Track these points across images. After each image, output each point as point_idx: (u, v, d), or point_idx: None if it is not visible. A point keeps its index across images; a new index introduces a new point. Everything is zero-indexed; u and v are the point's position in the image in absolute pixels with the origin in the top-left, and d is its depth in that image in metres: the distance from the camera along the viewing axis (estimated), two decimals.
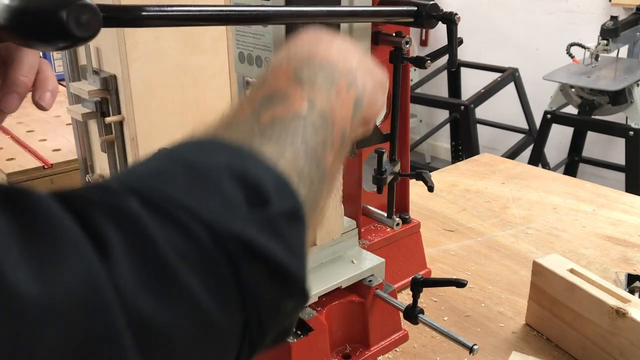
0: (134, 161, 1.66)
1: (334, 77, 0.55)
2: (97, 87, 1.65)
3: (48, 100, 0.66)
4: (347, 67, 0.58)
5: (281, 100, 0.51)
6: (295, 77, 0.53)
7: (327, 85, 0.54)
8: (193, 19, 0.67)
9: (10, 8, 0.50)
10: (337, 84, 0.55)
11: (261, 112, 0.49)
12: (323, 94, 0.53)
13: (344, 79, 0.56)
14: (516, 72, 3.94)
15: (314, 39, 0.62)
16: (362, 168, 1.10)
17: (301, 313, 0.91)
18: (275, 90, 0.52)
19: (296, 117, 0.49)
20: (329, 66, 0.56)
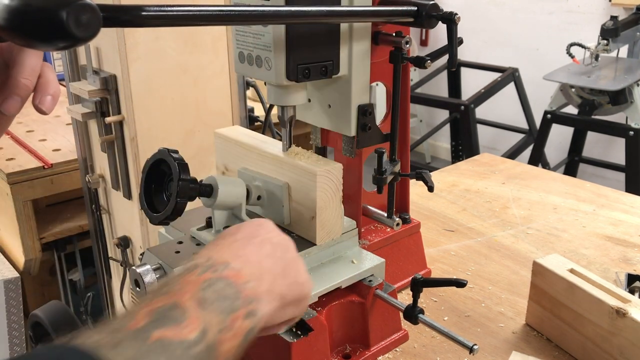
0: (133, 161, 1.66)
1: (233, 306, 0.58)
2: (97, 87, 1.65)
3: (48, 104, 0.66)
4: (253, 294, 0.61)
5: (177, 319, 0.53)
6: (200, 296, 0.56)
7: (225, 313, 0.57)
8: (193, 18, 0.67)
9: (10, 8, 0.50)
10: (235, 313, 0.58)
11: (152, 329, 0.51)
12: (218, 323, 0.56)
13: (244, 309, 0.59)
14: (516, 72, 3.95)
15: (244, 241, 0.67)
16: (362, 168, 1.10)
17: None
18: (175, 305, 0.54)
19: (183, 345, 0.52)
20: (234, 292, 0.59)
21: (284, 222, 1.02)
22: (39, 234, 2.14)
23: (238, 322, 0.58)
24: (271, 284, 0.65)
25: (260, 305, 0.62)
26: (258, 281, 0.63)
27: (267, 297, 0.64)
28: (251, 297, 0.61)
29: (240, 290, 0.61)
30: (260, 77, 0.94)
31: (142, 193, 0.92)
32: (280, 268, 0.68)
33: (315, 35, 0.91)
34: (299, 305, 0.71)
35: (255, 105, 2.22)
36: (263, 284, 0.64)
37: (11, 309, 2.04)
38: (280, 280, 0.67)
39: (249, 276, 0.63)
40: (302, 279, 0.71)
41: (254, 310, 0.61)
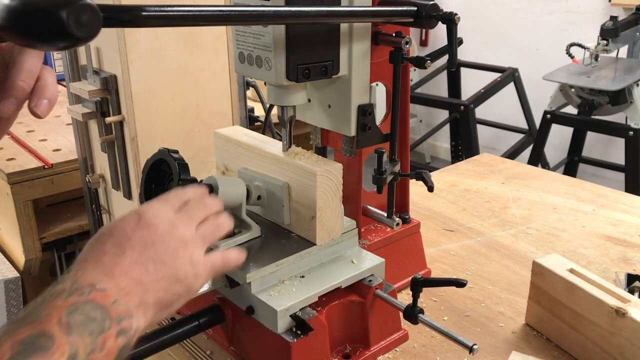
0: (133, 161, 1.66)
1: (102, 327, 0.58)
2: (97, 87, 1.65)
3: (44, 108, 0.65)
4: (124, 311, 0.61)
5: (44, 346, 0.53)
6: (66, 322, 0.56)
7: (94, 335, 0.57)
8: (193, 18, 0.67)
9: (11, 8, 0.50)
10: (105, 333, 0.58)
11: (18, 356, 0.51)
12: (88, 345, 0.56)
13: (115, 329, 0.59)
14: (516, 72, 3.95)
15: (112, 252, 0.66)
16: (362, 168, 1.10)
17: (301, 313, 0.91)
18: (41, 333, 0.54)
19: None
20: (102, 313, 0.59)
21: (284, 222, 1.02)
22: (39, 233, 2.14)
23: (110, 341, 0.59)
24: (142, 296, 0.65)
25: (132, 321, 0.62)
26: (127, 297, 0.63)
27: (139, 310, 0.64)
28: (122, 315, 0.61)
29: (108, 311, 0.60)
30: (260, 77, 0.94)
31: (142, 193, 0.92)
32: (153, 272, 0.67)
33: (315, 35, 0.91)
34: (187, 295, 0.72)
35: (255, 105, 2.22)
36: (133, 299, 0.64)
37: (11, 309, 2.04)
38: (153, 286, 0.67)
39: (116, 295, 0.62)
40: (182, 274, 0.70)
41: (126, 328, 0.61)
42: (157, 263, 0.68)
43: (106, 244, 0.68)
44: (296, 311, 0.91)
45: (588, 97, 3.14)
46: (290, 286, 0.94)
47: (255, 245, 0.98)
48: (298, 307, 0.91)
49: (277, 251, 0.96)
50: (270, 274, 0.93)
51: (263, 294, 0.92)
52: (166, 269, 0.69)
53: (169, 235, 0.71)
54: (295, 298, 0.91)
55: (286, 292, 0.92)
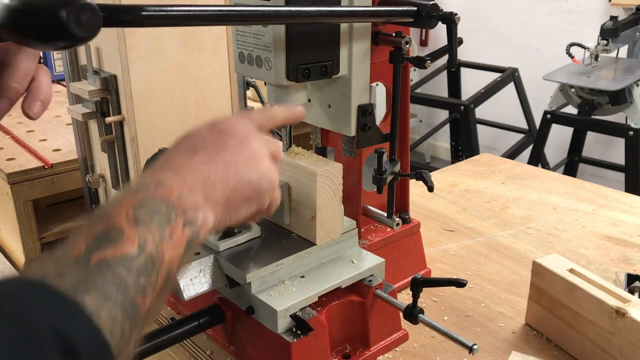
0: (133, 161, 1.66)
1: (170, 217, 0.60)
2: (97, 87, 1.65)
3: (36, 110, 0.65)
4: (189, 204, 0.62)
5: (115, 239, 0.55)
6: (133, 216, 0.58)
7: (161, 226, 0.58)
8: (193, 18, 0.67)
9: (11, 7, 0.50)
10: (172, 224, 0.60)
11: (93, 253, 0.53)
12: (156, 235, 0.57)
13: (180, 219, 0.60)
14: (516, 72, 3.95)
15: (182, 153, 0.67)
16: (362, 168, 1.10)
17: (301, 313, 0.91)
18: (111, 227, 0.56)
19: (124, 260, 0.54)
20: (167, 206, 0.60)
21: (284, 222, 1.02)
22: (39, 234, 2.14)
23: (177, 232, 0.60)
24: (209, 191, 0.65)
25: (198, 214, 0.63)
26: (192, 192, 0.64)
27: (205, 204, 0.64)
28: (186, 208, 0.62)
29: (173, 204, 0.61)
30: (260, 77, 0.94)
31: None
32: (222, 171, 0.67)
33: (315, 35, 0.91)
34: (257, 201, 0.72)
35: (255, 105, 2.22)
36: (199, 192, 0.64)
37: None
38: (221, 184, 0.67)
39: (180, 189, 0.63)
40: (255, 177, 0.70)
41: (192, 220, 0.62)
42: (229, 164, 0.69)
43: (179, 148, 0.69)
44: (296, 311, 0.91)
45: (588, 97, 3.14)
46: (290, 286, 0.94)
47: (255, 245, 0.98)
48: (298, 307, 0.91)
49: (277, 251, 0.96)
50: (270, 274, 0.93)
51: (263, 294, 0.92)
52: (238, 170, 0.69)
53: (245, 142, 0.72)
54: (295, 298, 0.91)
55: (286, 292, 0.92)
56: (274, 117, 0.80)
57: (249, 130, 0.74)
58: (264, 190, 0.72)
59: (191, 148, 0.69)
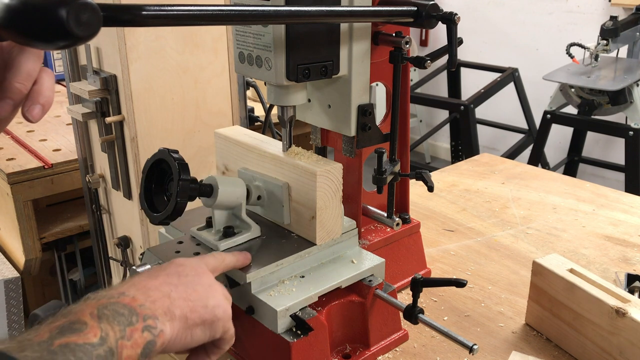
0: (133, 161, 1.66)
1: (130, 320, 0.65)
2: (97, 87, 1.65)
3: (36, 113, 0.65)
4: (149, 313, 0.67)
5: (78, 329, 0.60)
6: (98, 313, 0.63)
7: (122, 326, 0.64)
8: (193, 18, 0.67)
9: (11, 7, 0.50)
10: (133, 326, 0.65)
11: (56, 338, 0.57)
12: (117, 332, 0.62)
13: (140, 324, 0.66)
14: (516, 72, 3.95)
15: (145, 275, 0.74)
16: (362, 168, 1.10)
17: (301, 313, 0.91)
18: (76, 321, 0.61)
19: (85, 347, 0.58)
20: (129, 311, 0.66)
21: (284, 222, 1.02)
22: (39, 233, 2.14)
23: (136, 333, 0.65)
24: (169, 306, 0.71)
25: (158, 323, 0.68)
26: (153, 303, 0.69)
27: (164, 316, 0.69)
28: (147, 315, 0.67)
29: (135, 310, 0.66)
30: (260, 77, 0.94)
31: (142, 193, 0.92)
32: (182, 292, 0.74)
33: (315, 35, 0.91)
34: (211, 327, 0.76)
35: (255, 105, 2.22)
36: (159, 305, 0.70)
37: (11, 309, 2.04)
38: (180, 303, 0.72)
39: (143, 300, 0.68)
40: (212, 302, 0.76)
41: (151, 326, 0.67)
42: (189, 288, 0.75)
43: (141, 275, 0.75)
44: (296, 311, 0.91)
45: (588, 97, 3.14)
46: (290, 286, 0.94)
47: (255, 245, 0.98)
48: (298, 307, 0.91)
49: (277, 251, 0.96)
50: (270, 274, 0.93)
51: (263, 294, 0.92)
52: (197, 294, 0.75)
53: (203, 275, 0.79)
54: (295, 298, 0.91)
55: (286, 292, 0.92)
56: (223, 260, 0.87)
57: (205, 269, 0.81)
58: (218, 316, 0.77)
59: (153, 274, 0.75)
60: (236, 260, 0.90)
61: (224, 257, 0.88)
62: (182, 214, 0.88)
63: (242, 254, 0.92)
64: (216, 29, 1.71)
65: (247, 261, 0.92)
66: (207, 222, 1.01)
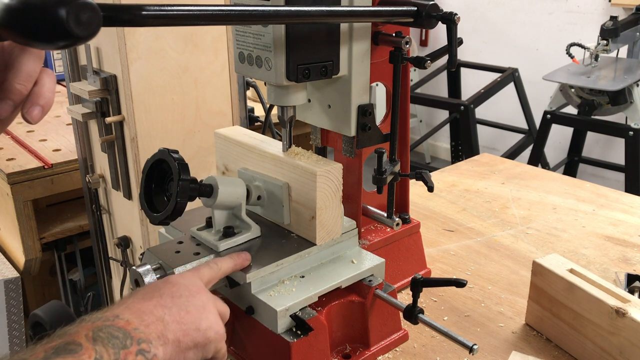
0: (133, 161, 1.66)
1: (124, 344, 0.66)
2: (97, 87, 1.65)
3: (35, 115, 0.64)
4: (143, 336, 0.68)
5: (73, 350, 0.60)
6: (93, 335, 0.64)
7: (117, 348, 0.64)
8: (193, 18, 0.67)
9: (11, 7, 0.50)
10: (127, 349, 0.65)
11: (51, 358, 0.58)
12: (111, 355, 0.63)
13: (135, 347, 0.67)
14: (516, 72, 3.95)
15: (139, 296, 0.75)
16: (362, 168, 1.10)
17: (301, 313, 0.91)
18: (71, 342, 0.62)
19: None
20: (124, 334, 0.67)
21: (284, 222, 1.02)
22: (39, 234, 2.14)
23: (130, 357, 0.65)
24: (162, 330, 0.72)
25: (151, 347, 0.69)
26: (147, 327, 0.70)
27: (157, 340, 0.70)
28: (141, 339, 0.68)
29: (129, 333, 0.68)
30: (260, 78, 0.94)
31: (142, 193, 0.92)
32: (175, 315, 0.74)
33: (315, 35, 0.91)
34: (203, 349, 0.77)
35: (255, 105, 2.22)
36: (152, 329, 0.71)
37: (11, 309, 2.04)
38: (173, 326, 0.73)
39: (137, 324, 0.69)
40: (204, 325, 0.77)
41: (145, 350, 0.68)
42: (182, 310, 0.76)
43: (136, 295, 0.76)
44: (296, 311, 0.91)
45: (588, 97, 3.14)
46: (290, 286, 0.94)
47: (255, 245, 0.98)
48: (298, 307, 0.91)
49: (277, 251, 0.96)
50: (270, 274, 0.93)
51: (263, 294, 0.92)
52: (190, 316, 0.76)
53: (196, 294, 0.79)
54: (295, 298, 0.91)
55: (286, 292, 0.92)
56: (219, 269, 0.88)
57: (200, 286, 0.81)
58: (211, 339, 0.78)
59: (147, 295, 0.75)
60: (234, 265, 0.90)
61: (220, 265, 0.88)
62: (182, 214, 0.88)
63: (240, 256, 0.91)
64: (216, 29, 1.71)
65: (246, 262, 0.92)
66: (207, 222, 1.01)
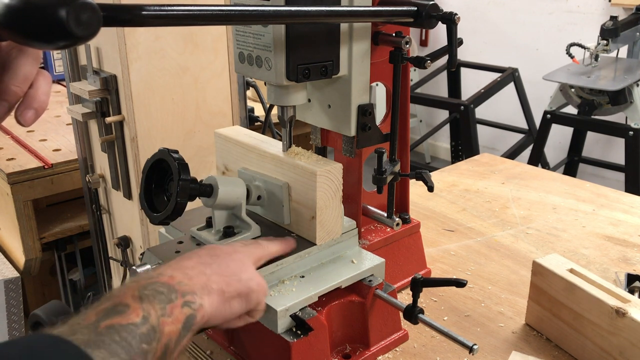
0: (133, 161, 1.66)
1: (169, 298, 0.69)
2: (97, 87, 1.65)
3: (28, 117, 0.64)
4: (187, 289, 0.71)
5: (121, 311, 0.63)
6: (139, 294, 0.67)
7: (163, 304, 0.67)
8: (193, 18, 0.67)
9: (10, 6, 0.50)
10: (172, 303, 0.68)
11: (102, 321, 0.61)
12: (158, 310, 0.66)
13: (180, 300, 0.70)
14: (516, 72, 3.95)
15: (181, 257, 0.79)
16: (362, 168, 1.10)
17: (301, 313, 0.91)
18: (119, 303, 0.65)
19: (129, 327, 0.62)
20: (168, 289, 0.70)
21: (284, 222, 1.02)
22: (39, 234, 2.14)
23: (177, 309, 0.68)
24: (205, 281, 0.75)
25: (196, 297, 0.72)
26: (190, 280, 0.73)
27: (202, 290, 0.73)
28: (185, 292, 0.71)
29: (174, 287, 0.70)
30: (260, 77, 0.94)
31: (142, 193, 0.92)
32: (216, 268, 0.78)
33: (315, 35, 0.91)
34: (247, 298, 0.80)
35: (255, 105, 2.22)
36: (196, 281, 0.74)
37: (11, 309, 2.04)
38: (215, 277, 0.76)
39: (180, 278, 0.72)
40: (245, 275, 0.80)
41: (190, 301, 0.71)
42: (222, 264, 0.79)
43: (176, 258, 0.79)
44: (296, 311, 0.91)
45: (588, 97, 3.14)
46: (290, 286, 0.94)
47: None
48: (298, 307, 0.91)
49: None
50: (270, 274, 0.93)
51: None
52: (230, 269, 0.79)
53: (234, 253, 0.83)
54: (295, 298, 0.91)
55: (286, 292, 0.92)
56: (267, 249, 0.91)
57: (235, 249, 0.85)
58: (253, 288, 0.81)
59: (185, 257, 0.80)
60: (281, 248, 0.93)
61: (268, 246, 0.91)
62: (182, 214, 0.88)
63: (286, 242, 0.95)
64: (216, 29, 1.71)
65: (290, 247, 0.95)
66: (207, 222, 1.01)
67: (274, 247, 0.92)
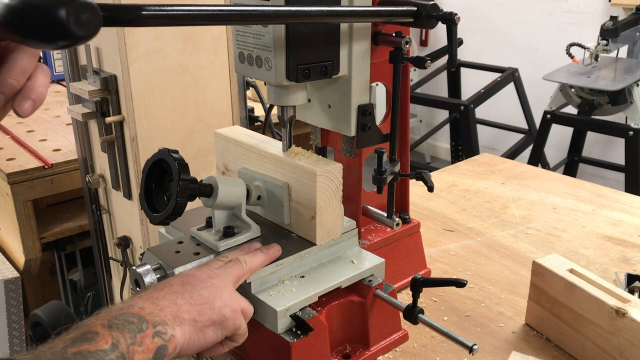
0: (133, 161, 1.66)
1: (140, 328, 0.69)
2: (97, 87, 1.65)
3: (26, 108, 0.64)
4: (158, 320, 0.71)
5: (90, 338, 0.63)
6: (109, 323, 0.67)
7: (133, 333, 0.67)
8: (193, 18, 0.67)
9: (10, 6, 0.50)
10: (143, 333, 0.68)
11: (69, 347, 0.61)
12: (128, 339, 0.66)
13: (151, 330, 0.69)
14: (516, 72, 3.95)
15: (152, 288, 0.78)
16: (362, 168, 1.10)
17: (301, 313, 0.91)
18: (88, 331, 0.65)
19: (97, 354, 0.62)
20: (139, 319, 0.70)
21: (284, 222, 1.02)
22: (39, 234, 2.14)
23: (147, 339, 0.68)
24: (177, 311, 0.74)
25: (167, 328, 0.71)
26: (161, 310, 0.73)
27: (173, 321, 0.73)
28: (157, 322, 0.71)
29: (144, 317, 0.70)
30: (260, 78, 0.94)
31: (142, 193, 0.92)
32: (188, 297, 0.77)
33: (315, 35, 0.91)
34: (222, 326, 0.79)
35: (255, 105, 2.22)
36: (167, 312, 0.73)
37: (11, 309, 2.04)
38: (187, 307, 0.76)
39: (151, 309, 0.72)
40: (218, 303, 0.79)
41: (161, 332, 0.70)
42: (194, 294, 0.78)
43: (147, 289, 0.79)
44: (296, 311, 0.91)
45: (588, 97, 3.14)
46: (290, 286, 0.94)
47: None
48: (298, 307, 0.91)
49: None
50: (270, 274, 0.93)
51: (263, 294, 0.92)
52: (202, 297, 0.78)
53: (208, 279, 0.82)
54: (295, 298, 0.91)
55: (286, 292, 0.92)
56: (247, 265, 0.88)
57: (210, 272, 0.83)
58: (227, 316, 0.80)
59: (158, 286, 0.79)
60: (265, 259, 0.91)
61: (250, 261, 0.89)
62: (182, 214, 0.88)
63: (270, 249, 0.93)
64: (216, 29, 1.71)
65: (277, 254, 0.93)
66: (207, 222, 1.01)
67: (255, 261, 0.89)
